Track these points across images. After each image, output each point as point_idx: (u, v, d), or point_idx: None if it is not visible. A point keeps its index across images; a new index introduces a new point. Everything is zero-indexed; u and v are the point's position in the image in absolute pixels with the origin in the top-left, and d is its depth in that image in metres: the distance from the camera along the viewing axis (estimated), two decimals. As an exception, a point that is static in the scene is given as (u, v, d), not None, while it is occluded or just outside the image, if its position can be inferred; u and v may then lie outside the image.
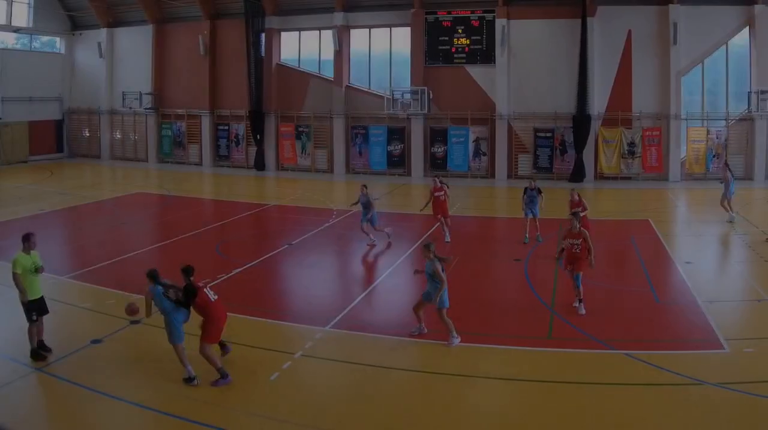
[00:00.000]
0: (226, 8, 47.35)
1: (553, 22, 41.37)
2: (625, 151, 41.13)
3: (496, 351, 14.43)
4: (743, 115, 40.29)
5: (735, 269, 21.45)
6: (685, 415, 11.33)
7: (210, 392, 12.21)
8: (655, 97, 40.64)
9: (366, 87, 45.37)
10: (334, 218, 29.15)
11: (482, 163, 43.01)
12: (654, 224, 27.59)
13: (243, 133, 47.53)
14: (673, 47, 39.84)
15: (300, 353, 13.93)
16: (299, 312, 17.22)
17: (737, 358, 13.53)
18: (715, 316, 15.98)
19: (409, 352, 14.48)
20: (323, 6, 44.85)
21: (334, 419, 11.37)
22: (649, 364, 13.19)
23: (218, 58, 47.83)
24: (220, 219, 29.53)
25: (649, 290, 18.59)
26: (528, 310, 17.06)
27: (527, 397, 12.34)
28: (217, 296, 13.22)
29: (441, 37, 43.18)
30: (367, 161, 44.62)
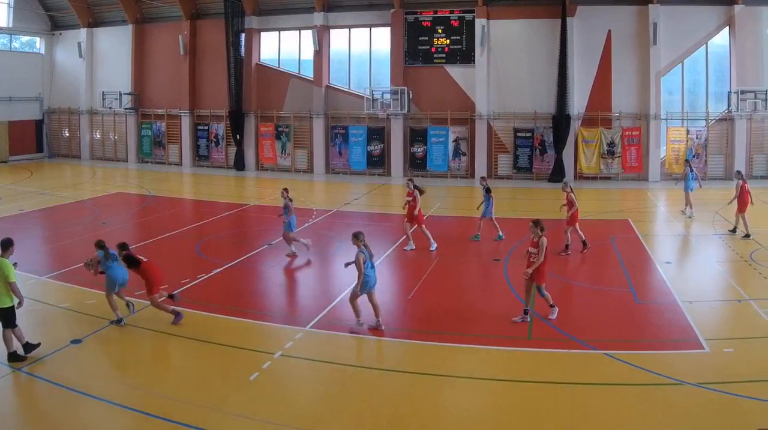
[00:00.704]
0: (206, 8, 45.95)
1: (533, 22, 40.26)
2: (604, 151, 39.91)
3: (476, 351, 14.07)
4: (723, 116, 39.19)
5: (715, 268, 20.60)
6: (665, 415, 11.03)
7: (190, 393, 11.90)
8: (634, 97, 39.59)
9: (346, 87, 44.00)
10: (313, 217, 28.35)
11: (462, 163, 41.73)
12: (634, 224, 26.97)
13: (223, 133, 46.02)
14: (652, 47, 38.79)
15: (280, 353, 13.60)
16: (279, 312, 16.84)
17: (717, 358, 13.20)
18: (695, 316, 15.59)
19: (389, 352, 14.13)
20: (303, 6, 43.52)
21: (314, 419, 11.04)
22: (629, 364, 12.88)
23: (198, 59, 46.35)
24: (199, 219, 28.79)
25: (629, 290, 18.10)
26: (508, 310, 16.34)
27: (507, 397, 11.97)
28: (147, 258, 15.45)
29: (421, 37, 41.87)
30: (347, 161, 43.24)
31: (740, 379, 12.01)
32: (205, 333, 14.22)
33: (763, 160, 39.23)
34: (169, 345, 14.25)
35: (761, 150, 39.22)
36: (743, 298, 17.00)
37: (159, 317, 15.45)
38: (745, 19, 38.25)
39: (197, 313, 15.92)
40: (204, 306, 16.42)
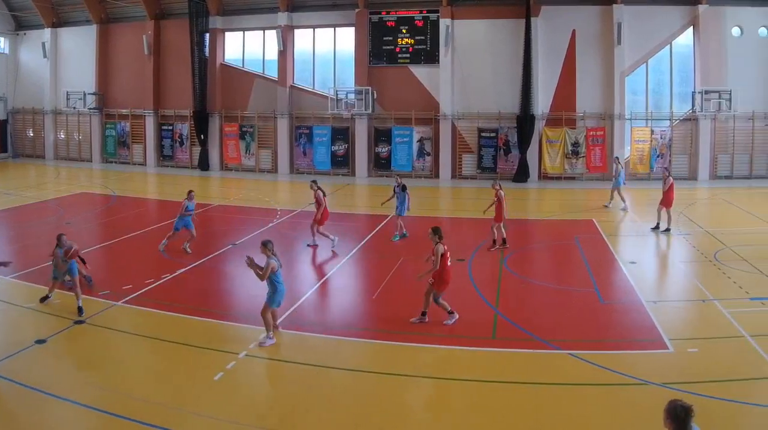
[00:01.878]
0: (170, 8, 43.30)
1: (497, 22, 38.21)
2: (569, 151, 37.97)
3: (440, 351, 13.56)
4: (687, 116, 37.43)
5: (679, 268, 19.85)
6: (629, 415, 10.61)
7: (155, 393, 11.39)
8: (599, 97, 37.68)
9: (310, 87, 41.53)
10: (278, 217, 27.12)
11: (426, 163, 39.52)
12: (598, 224, 25.78)
13: (187, 133, 43.39)
14: (617, 47, 36.94)
15: (244, 353, 13.04)
16: (244, 312, 15.74)
17: (681, 358, 12.73)
18: (659, 316, 15.01)
19: (354, 352, 13.56)
20: (267, 6, 41.03)
21: (278, 419, 10.60)
22: (593, 364, 12.40)
23: (162, 59, 43.67)
24: (164, 219, 26.84)
25: (593, 290, 17.30)
26: (472, 310, 15.70)
27: (471, 397, 11.49)
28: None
29: (385, 37, 39.61)
30: (311, 161, 40.89)
31: (704, 379, 11.56)
32: (169, 333, 13.90)
33: (728, 160, 37.49)
34: (134, 345, 13.74)
35: (725, 150, 37.45)
36: (707, 298, 16.24)
37: (124, 317, 15.01)
38: (709, 19, 36.54)
39: (162, 313, 15.30)
40: (168, 306, 15.71)
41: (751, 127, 37.05)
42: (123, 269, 19.46)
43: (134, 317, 15.07)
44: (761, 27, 37.01)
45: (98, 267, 16.60)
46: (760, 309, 15.44)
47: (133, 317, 15.13)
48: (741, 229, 24.34)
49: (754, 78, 36.37)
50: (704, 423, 10.21)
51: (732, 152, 37.45)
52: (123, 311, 15.35)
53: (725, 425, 10.23)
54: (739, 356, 12.68)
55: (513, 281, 17.84)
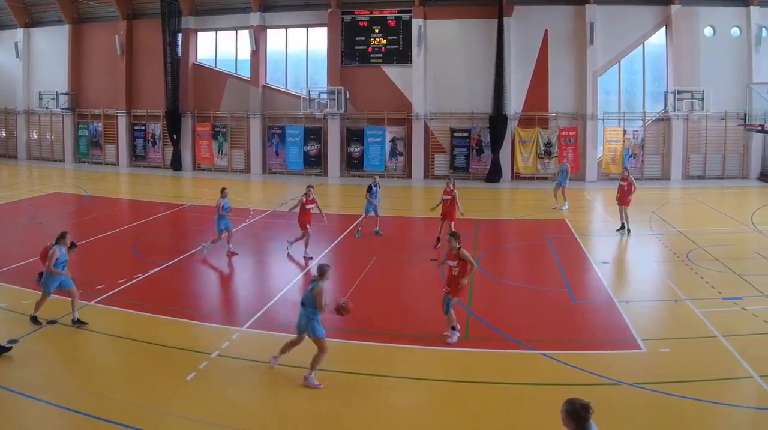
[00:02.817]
0: (143, 8, 41.15)
1: (470, 22, 36.47)
2: (541, 151, 36.31)
3: (413, 351, 13.02)
4: (660, 115, 35.83)
5: (651, 268, 19.05)
6: (602, 415, 8.99)
7: (127, 393, 10.90)
8: (571, 97, 36.07)
9: (283, 87, 39.52)
10: (250, 217, 26.08)
11: (399, 163, 37.68)
12: (570, 224, 24.74)
13: (159, 133, 41.25)
14: (589, 47, 35.31)
15: (217, 353, 12.53)
16: (216, 312, 15.45)
17: (653, 358, 12.30)
18: (631, 316, 14.49)
19: (327, 352, 12.36)
20: (240, 6, 39.06)
21: (250, 419, 10.21)
22: (566, 364, 11.98)
23: (135, 58, 41.54)
24: (137, 219, 26.28)
25: (565, 290, 16.66)
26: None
27: (444, 397, 11.10)
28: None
29: (358, 37, 37.73)
30: (284, 161, 38.90)
31: (677, 379, 11.18)
32: (142, 333, 13.34)
33: (700, 160, 35.91)
34: (107, 345, 13.20)
35: (698, 150, 35.88)
36: (680, 298, 15.67)
37: (97, 317, 14.25)
38: (682, 19, 35.00)
39: (134, 313, 14.68)
40: (141, 306, 15.06)
41: (724, 127, 35.50)
42: (96, 268, 18.50)
43: (107, 317, 14.47)
44: (734, 27, 35.42)
45: (71, 267, 15.15)
46: (732, 309, 14.82)
47: (106, 317, 14.51)
48: (713, 229, 23.36)
49: (727, 78, 34.77)
50: (676, 423, 9.92)
51: (704, 152, 35.93)
52: (96, 311, 14.67)
53: (697, 425, 9.87)
54: (712, 356, 12.20)
55: (486, 281, 17.23)
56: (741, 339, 12.89)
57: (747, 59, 35.06)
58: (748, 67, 34.94)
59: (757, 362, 11.72)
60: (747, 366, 11.61)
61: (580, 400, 6.53)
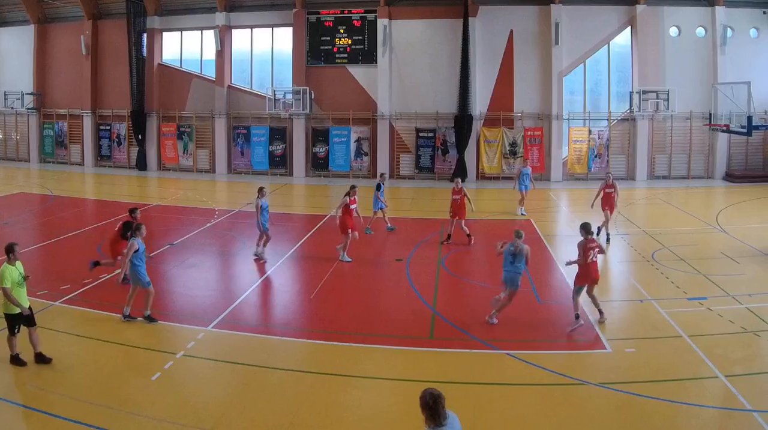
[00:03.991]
0: (108, 8, 38.54)
1: (435, 22, 34.27)
2: (506, 152, 34.05)
3: (378, 351, 12.53)
4: (625, 115, 33.80)
5: (617, 268, 18.31)
6: (568, 415, 9.88)
7: (92, 393, 10.46)
8: (536, 97, 33.97)
9: (248, 87, 37.17)
10: (216, 217, 24.84)
11: (364, 163, 35.39)
12: (535, 224, 23.54)
13: (125, 133, 38.71)
14: (554, 47, 33.25)
15: (182, 353, 12.03)
16: (181, 312, 14.60)
17: (619, 358, 11.84)
18: (597, 316, 13.70)
19: (292, 352, 12.44)
20: (205, 6, 36.66)
21: (215, 420, 9.76)
22: (531, 364, 11.55)
23: (100, 59, 38.89)
24: (101, 219, 24.82)
25: (531, 290, 15.85)
26: (410, 310, 14.76)
27: (409, 397, 9.44)
28: None
29: (323, 37, 35.34)
30: (249, 161, 36.51)
31: (642, 379, 10.78)
32: (107, 333, 12.87)
33: (665, 160, 33.85)
34: (72, 346, 12.49)
35: (663, 150, 33.82)
36: (645, 298, 15.18)
37: (62, 317, 13.84)
38: (647, 19, 32.99)
39: (100, 313, 14.06)
40: (106, 306, 14.39)
41: (689, 127, 33.57)
42: (61, 268, 17.66)
43: (72, 318, 13.91)
44: (699, 27, 33.43)
45: (36, 267, 15.37)
46: (697, 309, 14.27)
47: (71, 317, 13.97)
48: (679, 229, 22.07)
49: (692, 78, 32.88)
50: (642, 423, 9.53)
51: (670, 152, 33.91)
52: (61, 311, 14.21)
53: (663, 426, 9.50)
54: (677, 356, 11.79)
55: (451, 281, 16.77)
56: (706, 339, 12.41)
57: (712, 59, 33.18)
58: (713, 67, 33.06)
59: (723, 361, 11.32)
60: (712, 366, 11.19)
61: (431, 390, 6.33)
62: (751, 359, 11.83)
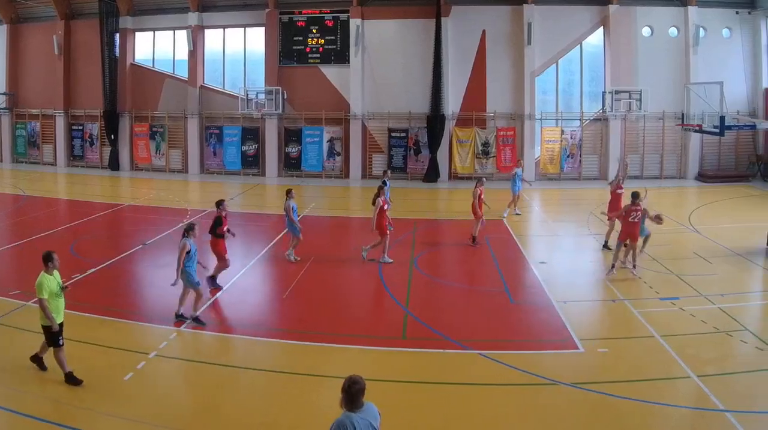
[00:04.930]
0: (81, 8, 36.63)
1: (408, 23, 32.52)
2: (479, 152, 32.39)
3: (351, 351, 11.92)
4: (597, 115, 32.13)
5: (589, 268, 17.53)
6: (540, 415, 9.48)
7: (65, 393, 10.02)
8: (509, 97, 32.26)
9: (220, 87, 35.28)
10: (188, 217, 23.51)
11: (336, 163, 33.63)
12: (508, 224, 22.57)
13: (97, 133, 36.78)
14: (527, 47, 31.54)
15: (154, 353, 11.51)
16: (154, 312, 13.83)
17: (591, 358, 11.37)
18: (569, 316, 13.26)
19: (265, 352, 11.92)
20: (177, 6, 34.78)
21: (188, 420, 9.37)
22: (504, 364, 11.05)
23: (73, 59, 37.02)
24: (74, 219, 23.82)
25: (503, 290, 15.37)
26: (382, 310, 14.35)
27: (381, 397, 8.82)
28: None
29: (295, 37, 33.58)
30: (222, 161, 34.66)
31: (614, 379, 10.38)
32: (79, 333, 11.99)
33: (638, 160, 32.02)
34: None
35: (635, 150, 32.10)
36: (618, 298, 14.50)
37: (34, 317, 12.10)
38: (620, 19, 31.36)
39: (72, 313, 12.53)
40: (79, 306, 13.34)
41: (662, 127, 31.97)
42: (33, 268, 15.89)
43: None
44: (671, 27, 31.88)
45: (9, 267, 15.23)
46: (670, 309, 13.70)
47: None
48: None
49: (664, 78, 31.27)
50: (615, 423, 9.17)
51: (642, 152, 32.18)
52: (33, 311, 12.89)
53: (636, 426, 9.10)
54: (650, 356, 11.32)
55: (423, 281, 16.07)
56: (679, 339, 11.94)
57: (684, 59, 31.63)
58: (686, 67, 31.50)
59: (695, 361, 10.91)
60: (685, 366, 10.77)
61: (353, 376, 6.22)
62: (724, 359, 11.29)
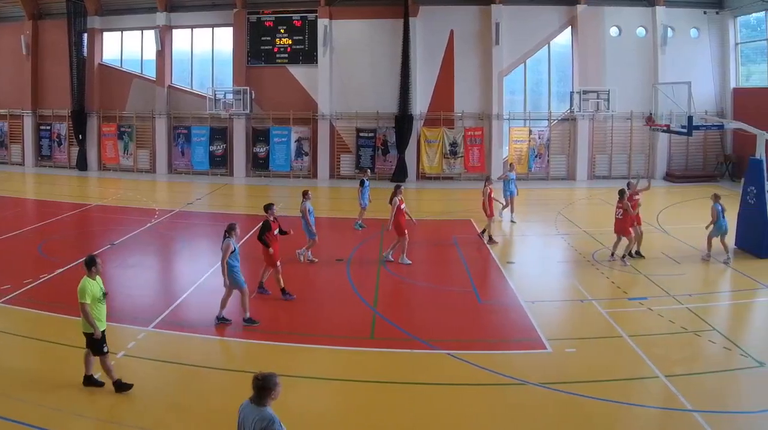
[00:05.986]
0: (49, 8, 34.71)
1: (376, 22, 30.86)
2: (447, 152, 30.72)
3: (318, 351, 11.49)
4: (565, 115, 30.51)
5: (557, 268, 17.04)
6: (508, 415, 9.11)
7: (33, 393, 9.42)
8: (477, 97, 30.66)
9: (188, 87, 33.46)
10: (156, 217, 22.77)
11: (304, 163, 31.86)
12: (476, 224, 21.51)
13: (65, 133, 34.92)
14: (495, 47, 29.90)
15: (122, 354, 10.98)
16: (122, 312, 12.92)
17: (559, 358, 10.92)
18: (537, 316, 12.79)
19: (233, 352, 11.73)
20: (145, 6, 32.93)
21: (156, 420, 8.90)
22: (472, 364, 10.57)
23: (41, 58, 35.05)
24: (42, 219, 22.85)
25: (471, 290, 14.70)
26: (350, 310, 13.48)
27: (349, 397, 9.73)
28: None
29: (263, 37, 31.85)
30: (190, 161, 32.83)
31: (582, 379, 9.97)
32: (48, 333, 11.73)
33: (606, 160, 30.44)
34: (11, 345, 11.47)
35: (603, 150, 30.42)
36: (586, 298, 13.90)
37: (2, 317, 12.82)
38: (588, 19, 29.75)
39: (40, 313, 12.86)
40: (47, 306, 13.11)
41: (629, 127, 30.31)
42: (1, 269, 16.28)
43: (13, 318, 12.76)
44: (639, 27, 30.33)
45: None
46: (638, 309, 13.21)
47: (12, 317, 12.83)
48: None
49: (632, 78, 29.70)
50: (583, 423, 8.81)
51: (610, 152, 30.53)
52: (1, 311, 13.06)
53: (604, 425, 8.79)
54: (618, 356, 10.90)
55: (392, 281, 15.50)
56: (646, 339, 11.57)
57: (652, 59, 30.14)
58: (654, 67, 30.01)
59: (663, 361, 10.49)
60: (652, 366, 10.33)
61: (270, 376, 5.90)
62: (692, 359, 10.94)
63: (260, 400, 5.80)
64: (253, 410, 5.82)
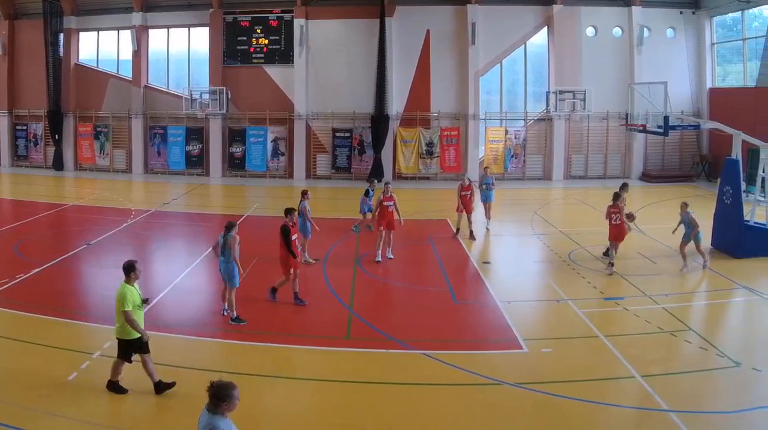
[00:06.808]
0: (25, 8, 33.26)
1: (352, 22, 29.57)
2: (423, 151, 29.37)
3: (294, 351, 11.05)
4: (541, 115, 29.29)
5: (533, 268, 16.34)
6: (484, 415, 8.80)
7: (8, 393, 9.04)
8: (453, 97, 29.40)
9: (165, 87, 32.01)
10: (132, 217, 21.98)
11: (281, 163, 30.51)
12: (452, 224, 20.55)
13: (41, 133, 33.43)
14: (471, 47, 28.70)
15: (98, 353, 10.40)
16: (98, 312, 12.42)
17: (535, 358, 10.51)
18: (513, 316, 12.35)
19: (210, 352, 10.99)
20: (121, 6, 31.52)
21: (132, 420, 8.62)
22: (448, 364, 10.17)
23: (17, 58, 33.64)
24: (18, 219, 22.07)
25: (447, 290, 14.20)
26: (326, 310, 13.02)
27: (325, 397, 9.38)
28: None
29: (239, 37, 30.52)
30: (166, 161, 31.46)
31: (558, 379, 9.55)
32: (23, 333, 11.26)
33: (582, 160, 29.14)
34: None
35: (579, 150, 29.16)
36: (562, 298, 13.48)
37: None
38: (564, 19, 28.56)
39: (16, 313, 12.39)
40: (23, 306, 12.62)
41: (605, 127, 29.06)
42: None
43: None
44: (615, 27, 29.07)
45: None
46: (614, 309, 12.79)
47: None
48: (595, 229, 19.20)
49: (609, 78, 28.45)
50: (559, 423, 8.54)
51: (586, 152, 29.25)
52: None
53: (580, 425, 8.45)
54: (594, 356, 10.57)
55: (368, 281, 14.98)
56: (622, 339, 11.20)
57: (629, 59, 28.92)
58: (630, 67, 28.78)
59: (639, 361, 10.15)
60: (629, 366, 10.03)
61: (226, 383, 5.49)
62: (668, 359, 10.59)
63: (213, 408, 5.40)
64: (204, 416, 5.46)
